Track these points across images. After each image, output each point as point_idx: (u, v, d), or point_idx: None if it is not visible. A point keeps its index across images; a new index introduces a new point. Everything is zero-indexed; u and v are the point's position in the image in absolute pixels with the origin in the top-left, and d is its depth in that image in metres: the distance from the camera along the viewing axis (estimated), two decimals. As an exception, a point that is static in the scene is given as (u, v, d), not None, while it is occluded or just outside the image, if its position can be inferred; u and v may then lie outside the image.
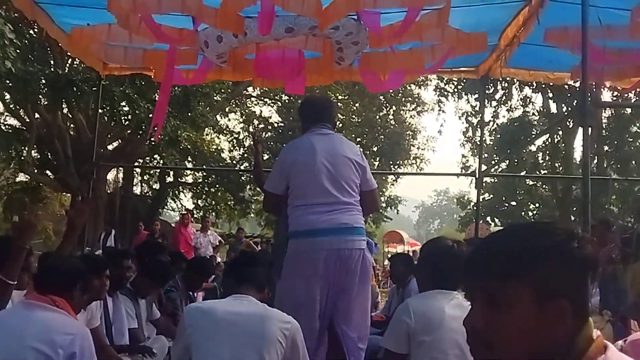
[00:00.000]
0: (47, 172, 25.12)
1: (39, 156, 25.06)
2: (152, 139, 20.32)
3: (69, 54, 13.88)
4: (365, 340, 4.70)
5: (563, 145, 25.93)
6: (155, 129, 7.52)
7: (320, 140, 4.83)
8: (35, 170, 24.21)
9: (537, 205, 31.90)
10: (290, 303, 4.29)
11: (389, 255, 37.95)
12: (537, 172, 28.31)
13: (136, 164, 25.85)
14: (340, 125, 29.98)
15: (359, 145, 25.70)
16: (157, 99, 7.98)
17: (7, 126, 24.25)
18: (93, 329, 4.56)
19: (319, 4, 5.26)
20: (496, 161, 26.16)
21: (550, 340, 1.52)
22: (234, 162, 28.22)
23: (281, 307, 3.91)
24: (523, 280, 1.50)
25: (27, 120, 22.30)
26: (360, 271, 4.58)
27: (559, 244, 1.53)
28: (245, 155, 28.86)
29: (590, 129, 4.77)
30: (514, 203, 32.50)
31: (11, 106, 21.56)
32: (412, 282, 6.72)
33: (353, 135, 29.54)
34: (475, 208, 10.60)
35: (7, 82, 15.15)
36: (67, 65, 17.68)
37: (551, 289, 1.51)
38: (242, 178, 24.99)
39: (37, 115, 21.78)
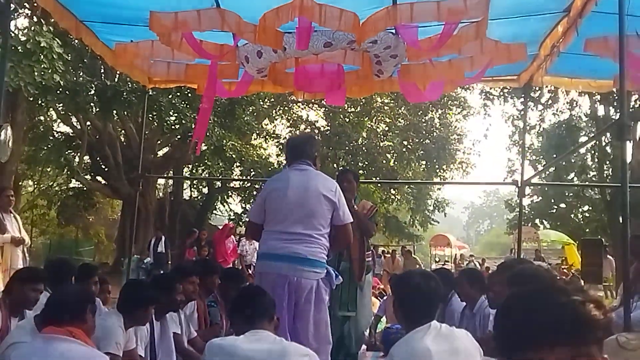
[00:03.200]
0: (99, 178, 25.58)
1: (90, 163, 25.55)
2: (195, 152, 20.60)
3: (117, 64, 14.21)
4: None
5: (611, 148, 25.45)
6: (197, 143, 7.66)
7: (296, 175, 5.11)
8: (87, 177, 24.67)
9: (586, 208, 31.47)
10: None
11: (437, 259, 37.85)
12: (585, 175, 27.85)
13: (180, 174, 26.25)
14: (386, 128, 29.96)
15: (404, 149, 25.76)
16: (198, 113, 8.16)
17: (59, 133, 24.76)
18: (128, 351, 4.64)
19: (356, 20, 5.33)
20: (543, 165, 25.84)
21: None
22: (282, 166, 28.33)
23: None
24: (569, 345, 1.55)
25: (79, 127, 22.72)
26: (314, 300, 4.83)
27: (580, 304, 1.58)
28: (292, 160, 28.92)
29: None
30: (563, 206, 32.07)
31: (62, 113, 21.94)
32: (453, 298, 6.62)
33: (398, 139, 29.46)
34: (523, 212, 10.61)
35: (58, 92, 15.47)
36: (117, 74, 17.95)
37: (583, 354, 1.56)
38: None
39: (88, 123, 22.18)
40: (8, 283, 5.15)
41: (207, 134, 18.33)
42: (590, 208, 30.89)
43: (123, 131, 23.79)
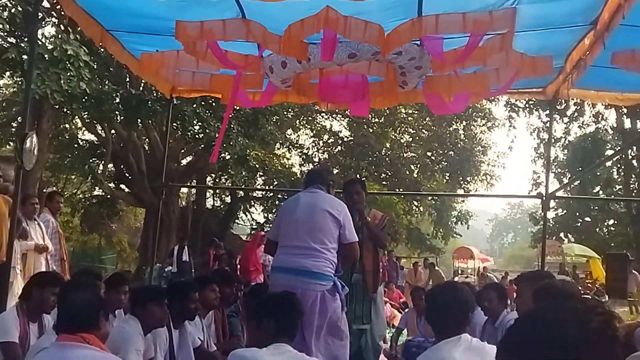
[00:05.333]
0: (122, 186, 25.70)
1: (114, 171, 25.69)
2: (220, 158, 20.67)
3: (142, 72, 14.20)
4: None
5: (637, 162, 25.23)
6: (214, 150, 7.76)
7: (306, 196, 5.65)
8: (111, 185, 24.78)
9: (611, 221, 31.18)
10: None
11: (460, 272, 37.59)
12: (611, 189, 27.58)
13: (203, 183, 26.40)
14: (410, 139, 29.89)
15: (428, 160, 25.83)
16: (222, 121, 8.26)
17: (84, 141, 24.94)
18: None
19: (381, 31, 5.31)
20: (568, 178, 25.64)
21: None
22: (305, 176, 28.27)
23: None
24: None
25: (104, 135, 22.87)
26: (319, 311, 5.18)
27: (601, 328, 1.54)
28: (316, 170, 28.93)
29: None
30: (588, 219, 31.80)
31: (87, 121, 22.07)
32: (475, 311, 6.54)
33: (422, 150, 29.36)
34: (548, 225, 10.48)
35: (84, 100, 15.56)
36: (142, 83, 18.03)
37: None
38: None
39: (112, 131, 22.31)
40: (25, 288, 5.21)
41: (231, 143, 18.38)
42: (616, 222, 30.65)
43: (147, 140, 23.86)
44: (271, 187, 25.88)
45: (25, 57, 12.58)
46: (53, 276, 5.40)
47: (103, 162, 23.77)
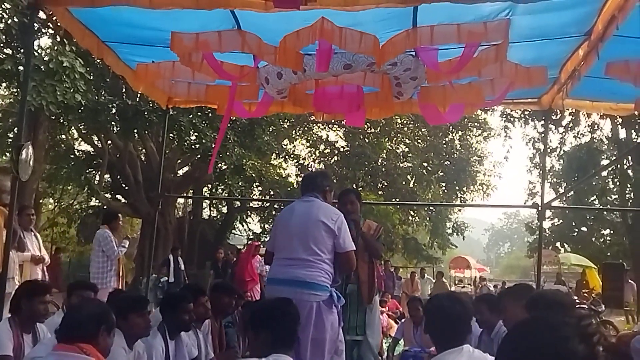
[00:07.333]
0: (119, 197, 25.66)
1: (110, 181, 25.65)
2: (217, 168, 20.67)
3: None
4: None
5: (632, 171, 25.24)
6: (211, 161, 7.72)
7: (300, 206, 5.54)
8: (108, 196, 24.73)
9: (607, 231, 31.20)
10: None
11: (457, 281, 37.59)
12: (606, 198, 27.61)
13: (200, 193, 26.36)
14: (406, 149, 29.90)
15: (424, 170, 25.76)
16: (218, 132, 8.27)
17: (80, 152, 24.92)
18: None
19: (376, 42, 5.34)
20: (564, 188, 25.65)
21: None
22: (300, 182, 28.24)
23: None
24: None
25: (100, 146, 22.85)
26: (314, 321, 5.08)
27: (560, 341, 1.54)
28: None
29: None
30: (584, 229, 31.80)
31: (84, 131, 22.06)
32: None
33: (418, 160, 29.37)
34: (544, 235, 10.49)
35: (80, 111, 15.56)
36: (138, 94, 18.03)
37: None
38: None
39: (109, 142, 22.29)
40: (14, 300, 5.21)
41: (227, 153, 18.38)
42: (612, 231, 30.66)
43: (143, 150, 23.85)
44: (268, 197, 25.85)
45: (21, 68, 12.59)
46: (39, 285, 5.39)
47: (99, 172, 23.72)
